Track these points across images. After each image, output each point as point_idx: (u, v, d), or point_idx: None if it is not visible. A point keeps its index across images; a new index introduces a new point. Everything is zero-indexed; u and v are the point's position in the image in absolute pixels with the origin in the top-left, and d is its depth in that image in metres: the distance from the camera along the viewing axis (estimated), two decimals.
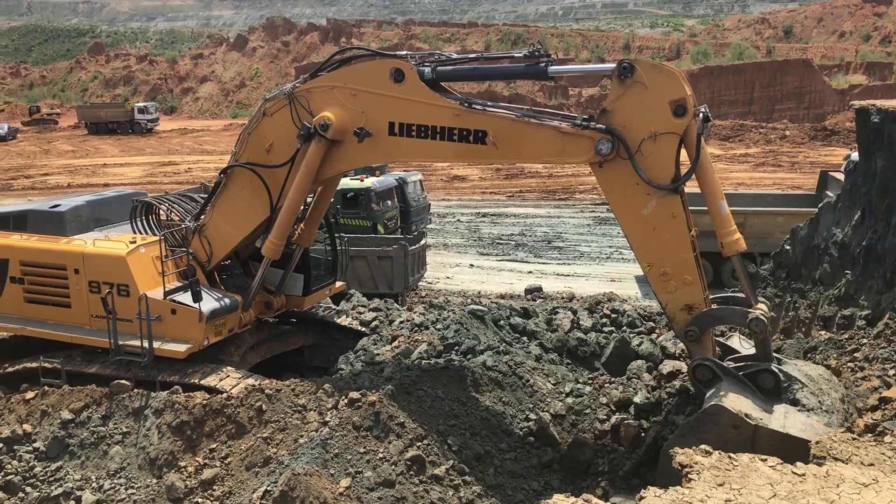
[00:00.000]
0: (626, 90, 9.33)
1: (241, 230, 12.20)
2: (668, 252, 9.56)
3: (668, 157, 9.33)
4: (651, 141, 9.28)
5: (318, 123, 10.96)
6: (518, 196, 43.08)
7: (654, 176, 9.34)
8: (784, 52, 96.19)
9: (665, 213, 9.44)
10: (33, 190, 47.46)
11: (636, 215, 9.59)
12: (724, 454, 7.56)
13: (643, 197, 9.45)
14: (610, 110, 9.49)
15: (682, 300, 9.62)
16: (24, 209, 13.56)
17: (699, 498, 6.64)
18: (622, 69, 9.26)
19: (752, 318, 9.38)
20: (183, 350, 11.62)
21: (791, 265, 15.07)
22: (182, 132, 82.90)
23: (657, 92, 9.19)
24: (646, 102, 9.25)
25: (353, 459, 9.35)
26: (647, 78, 9.20)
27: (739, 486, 6.84)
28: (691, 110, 9.18)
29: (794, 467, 7.22)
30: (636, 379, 12.37)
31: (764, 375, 9.58)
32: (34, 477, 10.76)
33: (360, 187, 25.35)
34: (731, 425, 8.74)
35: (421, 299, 21.78)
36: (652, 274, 9.71)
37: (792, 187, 39.26)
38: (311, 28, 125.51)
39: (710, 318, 9.71)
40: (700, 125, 9.26)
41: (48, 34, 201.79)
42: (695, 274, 9.57)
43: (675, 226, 9.47)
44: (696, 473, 7.13)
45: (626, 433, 10.72)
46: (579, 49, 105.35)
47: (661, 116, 9.21)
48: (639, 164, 9.35)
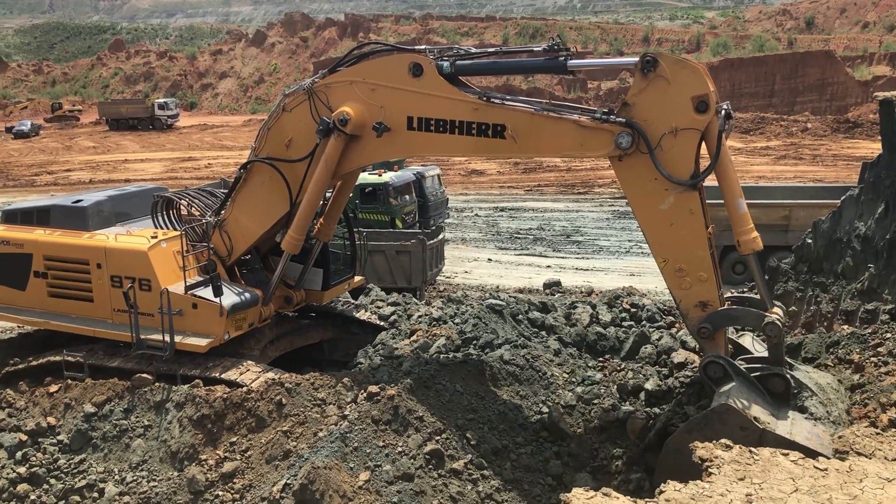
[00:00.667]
0: (649, 84, 9.24)
1: (260, 225, 12.26)
2: (684, 248, 9.50)
3: (689, 152, 9.24)
4: (672, 136, 9.20)
5: (336, 118, 10.97)
6: (536, 190, 42.99)
7: (673, 171, 9.26)
8: (806, 43, 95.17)
9: (683, 209, 9.37)
10: (56, 186, 47.97)
11: (654, 210, 9.53)
12: (744, 448, 7.52)
13: (661, 192, 9.38)
14: (631, 104, 9.40)
15: (696, 297, 9.56)
16: (47, 204, 13.65)
17: (720, 492, 6.61)
18: (645, 63, 9.17)
19: (767, 322, 9.34)
20: (204, 344, 11.71)
21: (813, 259, 14.93)
22: (202, 128, 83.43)
23: (680, 87, 9.11)
24: (668, 97, 9.16)
25: (373, 453, 9.38)
26: (670, 72, 9.11)
27: (760, 481, 6.79)
28: (713, 107, 9.10)
29: (816, 462, 7.17)
30: (648, 365, 12.32)
31: (775, 380, 9.54)
32: (58, 469, 10.89)
33: (378, 182, 25.40)
34: (738, 426, 8.69)
35: (439, 294, 21.82)
36: (667, 270, 9.65)
37: (814, 180, 38.89)
38: (329, 23, 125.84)
39: (725, 318, 9.65)
40: (721, 122, 9.17)
41: (70, 31, 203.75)
42: (710, 271, 9.51)
43: (692, 222, 9.40)
44: (717, 468, 7.09)
45: (633, 426, 10.64)
46: (598, 42, 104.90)
47: (682, 112, 9.13)
48: (658, 159, 9.26)
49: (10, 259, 13.01)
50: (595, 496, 6.85)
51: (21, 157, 63.81)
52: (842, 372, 11.23)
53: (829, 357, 11.75)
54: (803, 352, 12.10)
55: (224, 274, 12.28)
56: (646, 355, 12.85)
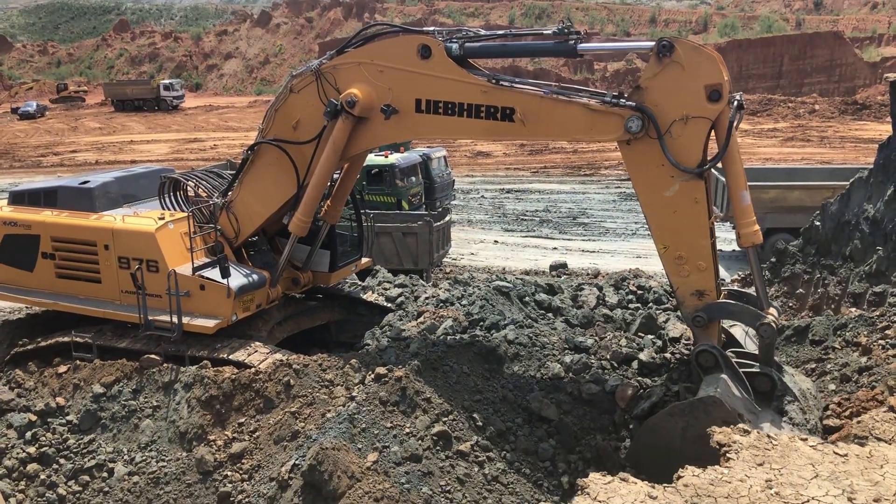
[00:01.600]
0: (663, 69, 9.14)
1: (268, 207, 12.25)
2: (685, 236, 9.51)
3: (698, 141, 9.19)
4: (682, 123, 9.15)
5: (344, 100, 10.91)
6: (542, 172, 42.87)
7: (681, 159, 9.21)
8: (814, 24, 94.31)
9: (688, 197, 9.34)
10: (62, 167, 48.02)
11: (658, 196, 9.51)
12: (762, 433, 7.49)
13: (667, 179, 9.34)
14: (644, 88, 9.32)
15: (693, 285, 9.60)
16: (54, 185, 13.67)
17: (739, 477, 6.57)
18: (661, 47, 9.07)
19: (762, 322, 9.40)
20: (212, 325, 11.75)
21: (821, 241, 14.90)
22: (207, 109, 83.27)
23: (694, 74, 9.03)
24: (681, 83, 9.09)
25: (380, 434, 9.41)
26: (685, 59, 9.02)
27: (780, 466, 6.75)
28: (726, 96, 9.03)
29: (835, 447, 7.12)
30: (642, 336, 12.30)
31: (762, 379, 9.58)
32: (68, 449, 10.97)
33: (385, 164, 25.35)
34: (721, 420, 8.67)
35: (446, 275, 21.81)
36: (667, 256, 9.66)
37: (821, 163, 38.67)
38: (334, 4, 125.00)
39: (721, 310, 9.69)
40: (733, 113, 9.12)
41: (74, 12, 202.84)
42: (709, 261, 9.52)
43: (695, 211, 9.39)
44: (735, 452, 7.05)
45: (623, 393, 10.46)
46: (604, 23, 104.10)
47: (695, 99, 9.06)
48: (667, 145, 9.21)
49: (17, 240, 13.05)
50: (613, 481, 6.82)
51: (27, 137, 63.82)
52: (849, 354, 11.23)
53: (837, 340, 11.74)
54: (811, 334, 12.10)
55: (231, 255, 12.28)
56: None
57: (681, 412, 8.98)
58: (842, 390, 10.52)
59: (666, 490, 6.59)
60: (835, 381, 10.88)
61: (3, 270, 13.37)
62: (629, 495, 6.52)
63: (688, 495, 6.41)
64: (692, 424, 8.79)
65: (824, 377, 11.13)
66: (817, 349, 11.82)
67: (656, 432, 9.17)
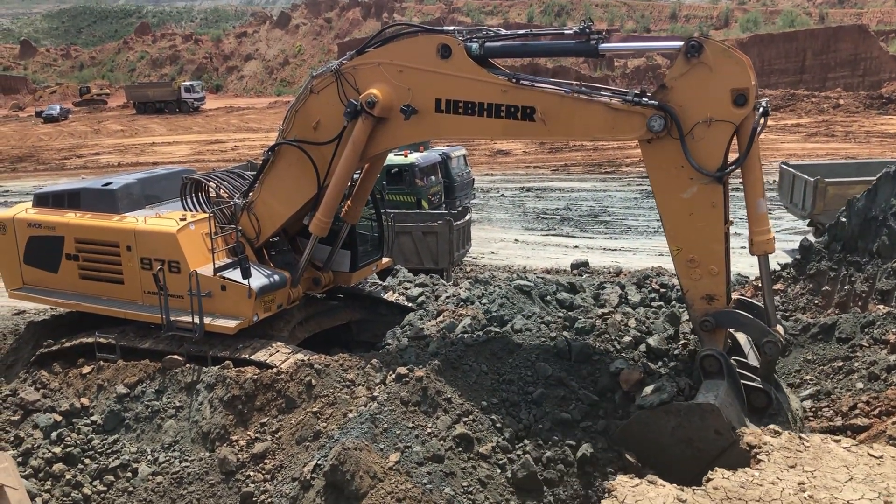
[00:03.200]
0: (690, 69, 9.00)
1: (289, 207, 12.26)
2: (699, 240, 9.40)
3: (720, 144, 9.06)
4: (705, 126, 9.02)
5: (364, 100, 10.89)
6: (563, 170, 42.68)
7: (701, 161, 9.09)
8: (838, 18, 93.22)
9: (705, 200, 9.24)
10: (85, 169, 48.49)
11: (675, 197, 9.41)
12: (793, 434, 7.35)
13: (686, 180, 9.23)
14: (669, 87, 9.20)
15: (704, 290, 9.50)
16: (77, 187, 13.77)
17: (770, 480, 6.43)
18: (690, 47, 8.93)
19: (768, 340, 9.32)
20: (233, 326, 11.78)
21: (847, 237, 14.68)
22: (228, 110, 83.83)
23: (721, 77, 8.88)
24: (707, 86, 8.95)
25: (402, 434, 9.38)
26: (713, 61, 8.88)
27: (813, 469, 6.59)
28: (752, 101, 8.89)
29: (870, 449, 6.96)
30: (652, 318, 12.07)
31: (759, 395, 9.51)
32: (92, 449, 11.04)
33: (405, 163, 25.33)
34: (714, 429, 8.67)
35: (466, 275, 21.76)
36: (679, 258, 9.55)
37: (846, 157, 38.19)
38: (353, 4, 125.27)
39: (730, 320, 9.60)
40: (757, 119, 9.01)
41: (96, 16, 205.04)
42: (722, 266, 9.42)
43: (712, 215, 9.29)
44: (766, 455, 6.91)
45: (629, 377, 10.18)
46: (624, 19, 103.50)
47: (720, 102, 8.93)
48: (688, 147, 9.09)
49: (42, 241, 13.19)
50: (640, 483, 6.72)
51: (51, 140, 64.54)
52: (878, 352, 11.05)
53: (864, 337, 11.57)
54: (837, 332, 11.93)
55: (252, 256, 12.31)
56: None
57: (676, 412, 8.97)
58: (870, 388, 10.37)
59: (695, 493, 6.48)
60: (863, 379, 10.72)
61: (28, 272, 13.51)
62: (657, 498, 6.42)
63: (718, 498, 6.30)
64: (684, 426, 8.83)
65: (852, 375, 10.96)
66: (844, 347, 11.65)
67: (648, 425, 9.19)
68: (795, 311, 14.74)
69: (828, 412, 10.46)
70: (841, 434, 9.52)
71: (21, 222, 13.38)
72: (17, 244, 13.43)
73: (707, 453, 8.68)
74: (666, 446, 9.01)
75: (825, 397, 10.88)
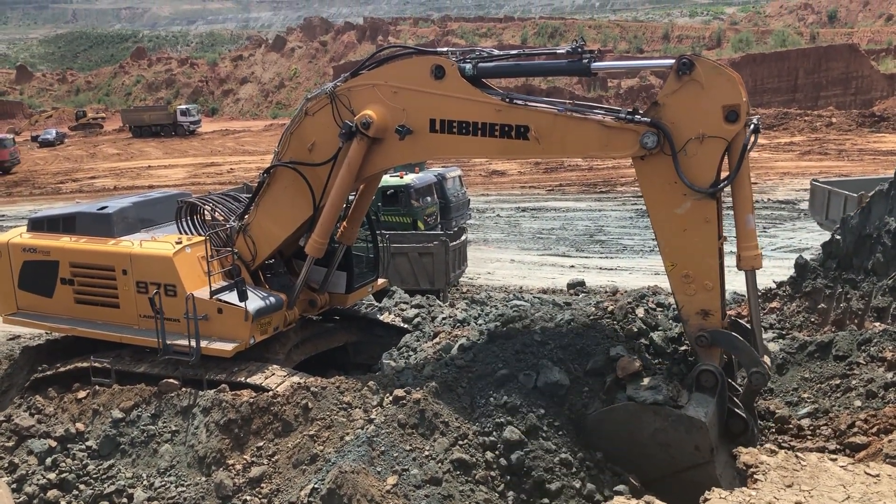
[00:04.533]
0: (682, 87, 9.13)
1: (285, 229, 12.28)
2: (694, 255, 9.47)
3: (712, 160, 9.17)
4: (697, 142, 9.12)
5: (359, 122, 10.96)
6: (558, 190, 42.80)
7: (693, 178, 9.19)
8: (829, 37, 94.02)
9: (698, 216, 9.33)
10: (81, 193, 48.48)
11: (669, 214, 9.49)
12: (790, 453, 7.35)
13: (679, 196, 9.32)
14: (662, 104, 9.31)
15: (699, 305, 9.55)
16: (72, 211, 13.75)
17: (767, 500, 6.43)
18: (681, 65, 9.06)
19: (756, 370, 9.42)
20: (230, 349, 11.74)
21: (842, 255, 14.73)
22: (223, 133, 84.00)
23: (713, 94, 9.00)
24: (699, 102, 9.06)
25: (400, 457, 9.33)
26: (704, 78, 9.00)
27: (809, 488, 6.59)
28: (744, 118, 9.00)
29: (866, 467, 6.96)
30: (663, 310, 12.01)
31: (738, 422, 9.67)
32: (87, 475, 10.96)
33: (400, 184, 25.39)
34: (695, 444, 8.78)
35: (462, 295, 21.75)
36: (674, 274, 9.61)
37: (840, 175, 38.37)
38: (348, 27, 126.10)
39: (726, 342, 9.62)
40: (748, 136, 9.13)
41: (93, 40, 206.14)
42: (716, 280, 9.46)
43: (706, 230, 9.37)
44: (763, 474, 6.90)
45: (627, 367, 10.01)
46: (617, 40, 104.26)
47: (712, 119, 9.04)
48: (681, 163, 9.19)
49: (37, 266, 13.14)
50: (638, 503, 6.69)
51: (47, 164, 64.57)
52: (875, 370, 11.04)
53: (861, 355, 11.56)
54: (834, 350, 11.92)
55: (249, 278, 12.29)
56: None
57: (665, 416, 9.07)
58: (868, 406, 10.35)
59: None
60: (860, 397, 10.70)
61: (23, 297, 13.44)
62: None
63: None
64: (667, 431, 9.00)
65: (849, 393, 10.94)
66: (841, 365, 11.64)
67: (632, 418, 9.28)
68: (792, 329, 14.75)
69: (826, 430, 10.43)
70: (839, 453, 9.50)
71: (15, 247, 13.32)
72: (11, 269, 13.37)
73: (678, 463, 8.91)
74: (641, 443, 9.16)
75: (823, 415, 10.86)
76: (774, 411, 11.08)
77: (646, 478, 9.37)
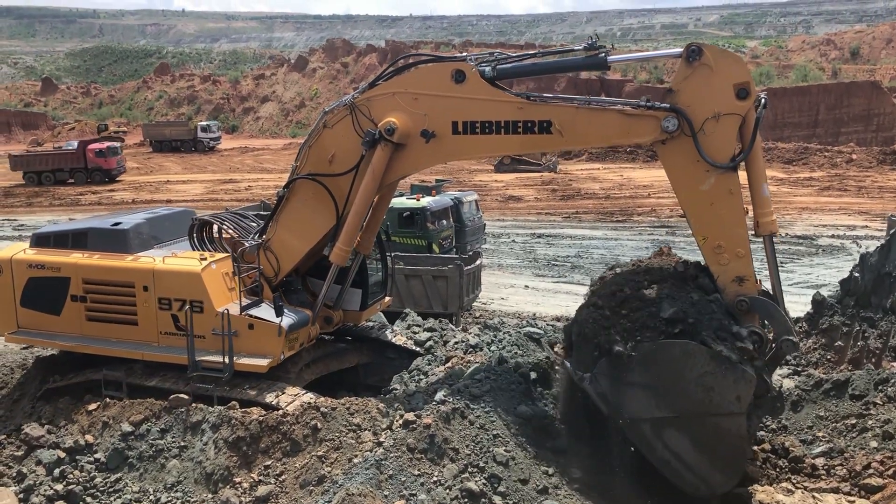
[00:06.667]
0: (693, 72, 9.77)
1: (307, 241, 12.40)
2: (723, 226, 9.96)
3: (729, 136, 9.78)
4: (714, 121, 9.72)
5: (383, 128, 11.25)
6: (574, 217, 42.71)
7: (714, 154, 9.77)
8: (850, 73, 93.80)
9: (722, 189, 9.84)
10: (99, 205, 48.86)
11: (695, 191, 10.01)
12: (806, 492, 7.21)
13: (703, 173, 9.88)
14: (676, 90, 9.92)
15: (733, 272, 9.98)
16: (83, 227, 13.51)
17: None
18: (691, 52, 9.72)
19: (787, 338, 9.89)
20: (265, 364, 11.73)
21: (860, 293, 14.58)
22: (243, 150, 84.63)
23: (722, 75, 9.65)
24: (711, 84, 9.70)
25: (408, 482, 9.25)
26: (713, 61, 9.66)
27: None
28: (754, 94, 9.68)
29: None
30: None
31: (762, 383, 9.82)
32: (94, 488, 10.93)
33: (416, 206, 25.40)
34: (737, 394, 9.32)
35: (475, 320, 21.65)
36: (706, 247, 10.06)
37: (859, 213, 38.15)
38: (369, 49, 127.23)
39: (763, 309, 10.03)
40: (760, 110, 9.80)
41: (118, 55, 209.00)
42: (747, 248, 9.96)
43: (731, 201, 9.88)
44: None
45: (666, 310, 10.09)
46: (638, 71, 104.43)
47: (724, 98, 9.66)
48: (700, 142, 9.76)
49: (44, 283, 12.76)
50: None
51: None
52: (892, 411, 10.87)
53: (878, 395, 11.39)
54: (850, 388, 11.75)
55: (270, 295, 12.34)
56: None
57: (718, 362, 9.35)
58: (884, 448, 10.18)
59: None
60: (876, 437, 10.53)
61: (25, 315, 13.03)
62: None
63: None
64: (715, 376, 9.35)
65: (865, 434, 10.78)
66: (857, 404, 11.48)
67: (687, 356, 9.49)
68: (808, 365, 14.58)
69: (841, 470, 10.26)
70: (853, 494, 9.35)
71: (20, 263, 12.93)
72: (13, 286, 12.95)
73: (715, 407, 9.39)
74: (685, 380, 9.50)
75: (838, 455, 10.68)
76: (789, 449, 10.92)
77: (673, 412, 9.62)
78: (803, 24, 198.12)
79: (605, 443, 10.49)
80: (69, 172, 60.91)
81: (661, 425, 9.66)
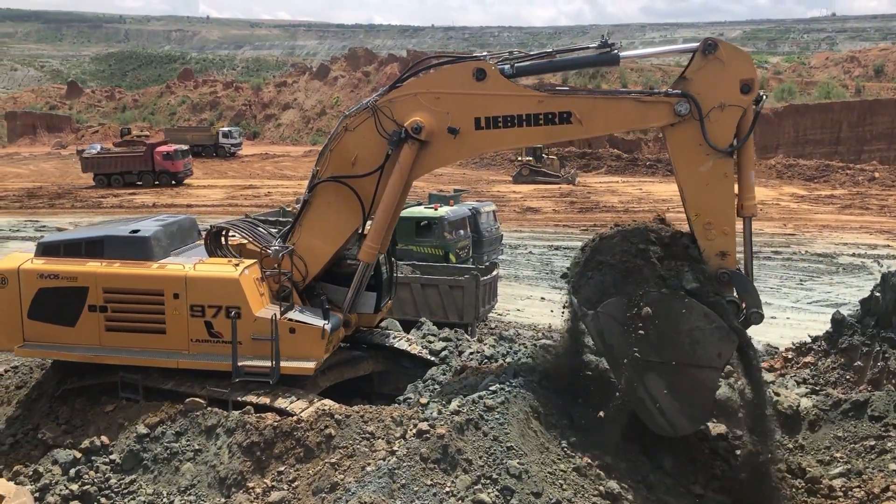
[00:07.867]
0: (707, 64, 10.66)
1: (333, 243, 12.58)
2: (715, 206, 10.82)
3: (731, 125, 10.70)
4: (719, 110, 10.64)
5: (410, 127, 11.60)
6: (592, 230, 42.52)
7: (715, 140, 10.66)
8: (874, 91, 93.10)
9: (719, 172, 10.75)
10: (121, 208, 49.35)
11: (694, 171, 10.89)
12: None
13: (703, 156, 10.76)
14: (689, 78, 10.79)
15: (718, 247, 10.85)
16: (99, 235, 12.93)
17: None
18: (707, 46, 10.63)
19: (755, 310, 10.81)
20: (312, 366, 11.85)
21: (881, 312, 14.38)
22: (263, 157, 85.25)
23: (732, 69, 10.58)
24: (721, 77, 10.61)
25: (420, 491, 9.24)
26: (726, 56, 10.59)
27: None
28: (756, 90, 10.65)
29: None
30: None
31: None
32: (109, 489, 10.98)
33: (434, 216, 25.45)
34: (719, 351, 10.24)
35: (491, 331, 21.63)
36: (697, 223, 10.88)
37: (880, 231, 37.79)
38: (391, 59, 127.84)
39: (740, 283, 10.93)
40: (759, 105, 10.74)
41: (142, 60, 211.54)
42: (734, 227, 10.83)
43: (725, 184, 10.83)
44: None
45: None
46: (659, 84, 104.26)
47: (731, 91, 10.59)
48: (705, 127, 10.64)
49: (57, 294, 12.18)
50: None
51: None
52: None
53: None
54: (870, 409, 11.64)
55: (297, 299, 12.45)
56: None
57: (710, 321, 10.23)
58: None
59: None
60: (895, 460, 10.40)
61: (32, 327, 12.32)
62: None
63: None
64: (703, 332, 10.23)
65: (884, 455, 10.66)
66: (877, 425, 11.35)
67: (685, 310, 10.29)
68: (826, 385, 14.41)
69: (858, 493, 10.14)
70: None
71: (29, 273, 12.24)
72: (19, 298, 12.26)
73: (697, 359, 10.30)
74: (677, 330, 10.35)
75: (856, 477, 10.57)
76: (806, 469, 10.81)
77: (659, 358, 10.47)
78: (827, 40, 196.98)
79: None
80: (137, 175, 61.51)
81: (646, 368, 10.47)
